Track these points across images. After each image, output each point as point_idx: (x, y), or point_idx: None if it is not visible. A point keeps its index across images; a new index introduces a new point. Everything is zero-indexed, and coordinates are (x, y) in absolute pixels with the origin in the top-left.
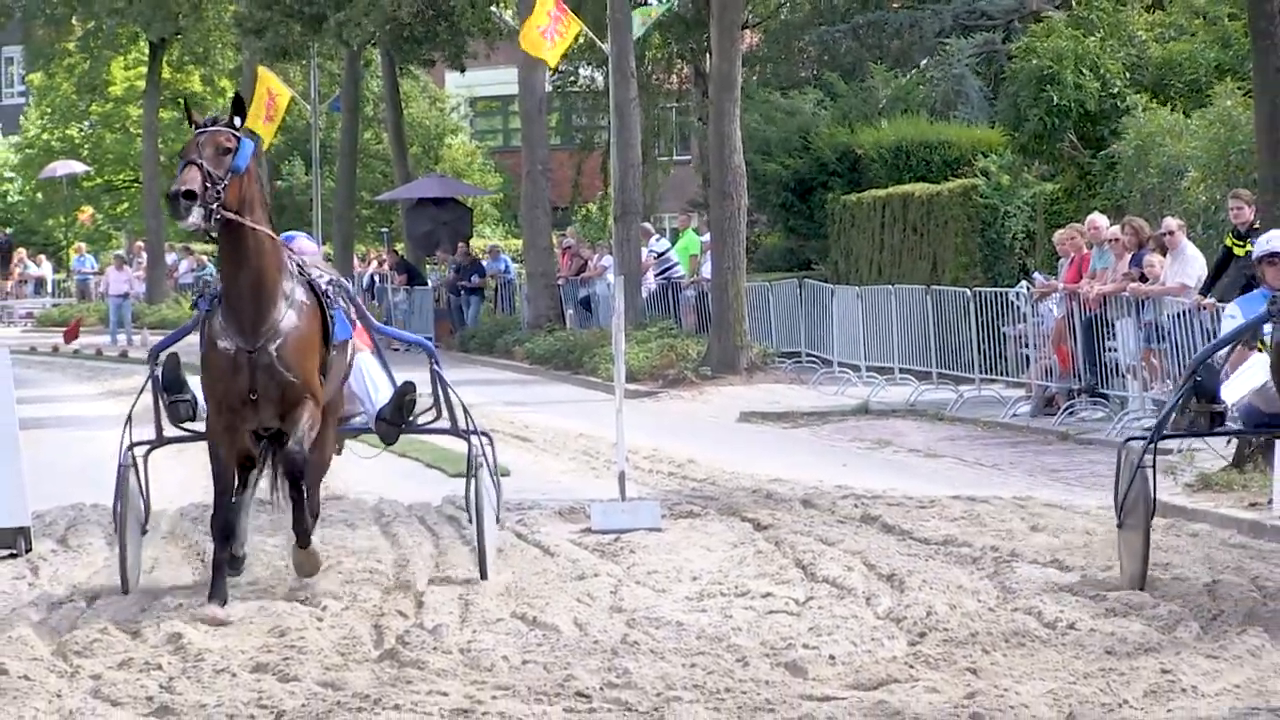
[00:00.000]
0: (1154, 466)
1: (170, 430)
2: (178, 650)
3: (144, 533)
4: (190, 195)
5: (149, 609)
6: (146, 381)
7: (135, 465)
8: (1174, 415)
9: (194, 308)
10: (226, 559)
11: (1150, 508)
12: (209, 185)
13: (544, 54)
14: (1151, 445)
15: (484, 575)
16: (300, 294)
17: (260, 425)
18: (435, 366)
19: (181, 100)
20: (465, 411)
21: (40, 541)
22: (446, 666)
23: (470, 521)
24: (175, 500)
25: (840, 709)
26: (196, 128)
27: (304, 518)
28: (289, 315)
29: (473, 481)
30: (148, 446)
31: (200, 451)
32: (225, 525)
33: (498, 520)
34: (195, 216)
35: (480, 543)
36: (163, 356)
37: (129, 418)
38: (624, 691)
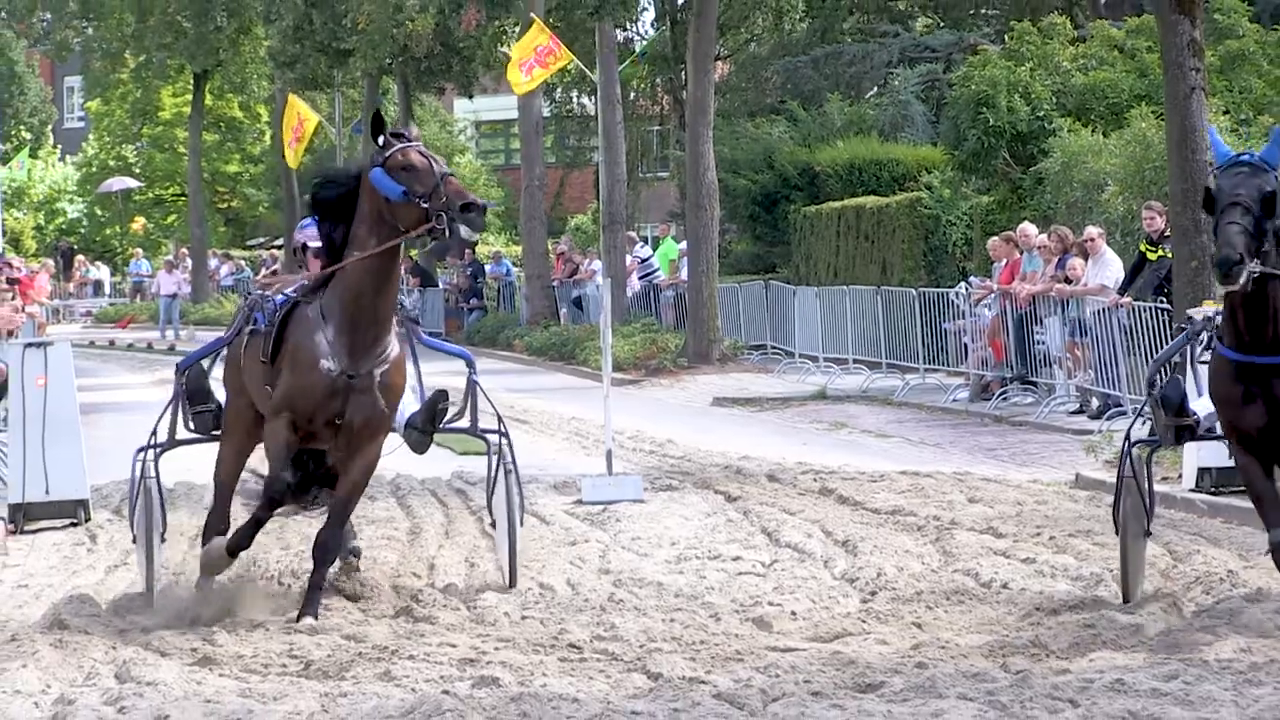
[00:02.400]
0: (1136, 476)
1: (180, 435)
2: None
3: (163, 541)
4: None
5: (195, 572)
6: (175, 398)
7: (158, 476)
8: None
9: (244, 318)
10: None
11: (1134, 516)
12: None
13: (518, 86)
14: (1125, 456)
15: (513, 584)
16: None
17: (332, 450)
18: (473, 376)
19: (374, 114)
20: (499, 420)
21: (98, 512)
22: (455, 621)
23: (493, 526)
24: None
25: (801, 658)
26: (404, 140)
27: (316, 598)
28: (394, 344)
29: (498, 487)
30: (157, 450)
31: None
32: (280, 493)
33: (520, 523)
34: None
35: (512, 551)
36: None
37: (154, 431)
38: (611, 644)
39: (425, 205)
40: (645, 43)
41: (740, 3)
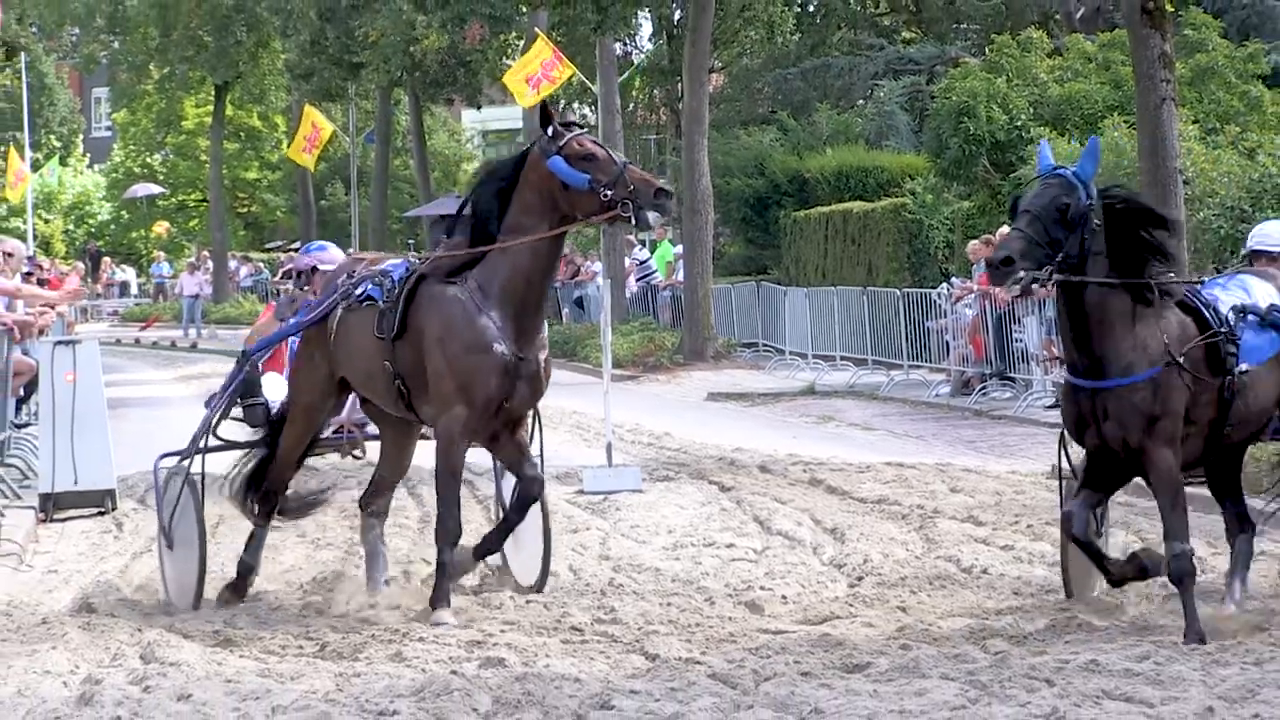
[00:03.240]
0: (1076, 474)
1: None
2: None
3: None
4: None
5: (216, 558)
6: (236, 384)
7: (200, 480)
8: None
9: (342, 295)
10: (453, 561)
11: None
12: None
13: (525, 99)
14: (1061, 455)
15: (541, 588)
16: None
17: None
18: None
19: (542, 103)
20: (535, 414)
21: (124, 501)
22: (462, 604)
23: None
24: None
25: (791, 640)
26: (576, 128)
27: (503, 539)
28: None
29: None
30: (188, 456)
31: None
32: (457, 528)
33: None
34: None
35: (546, 556)
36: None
37: (214, 424)
38: (611, 626)
39: (609, 194)
40: (643, 56)
41: (733, 18)
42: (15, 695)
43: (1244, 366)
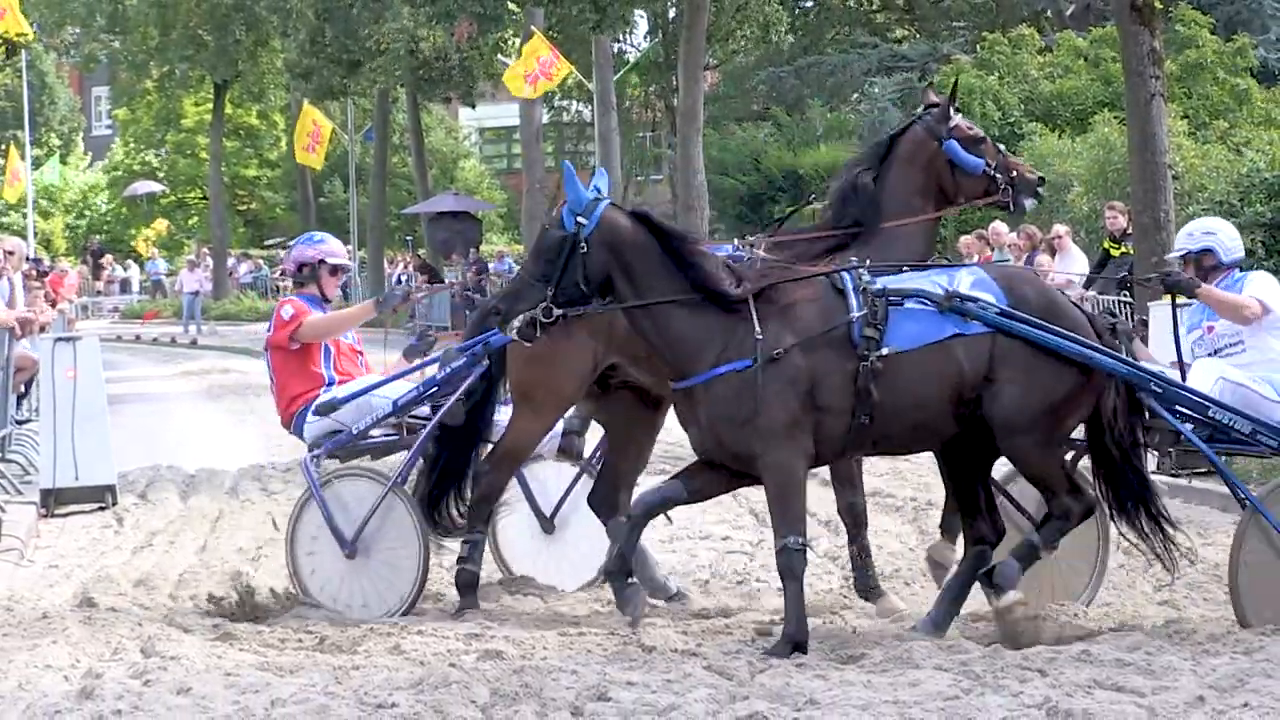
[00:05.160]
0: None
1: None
2: (239, 587)
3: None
4: None
5: (215, 553)
6: (481, 372)
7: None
8: None
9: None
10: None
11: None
12: None
13: (522, 92)
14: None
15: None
16: None
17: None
18: None
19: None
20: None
21: (124, 496)
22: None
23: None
24: (231, 459)
25: None
26: (956, 111)
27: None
28: None
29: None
30: (320, 453)
31: None
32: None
33: None
34: None
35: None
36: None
37: (446, 418)
38: (608, 618)
39: (997, 177)
40: (639, 54)
41: (728, 16)
42: (16, 689)
43: (885, 350)
